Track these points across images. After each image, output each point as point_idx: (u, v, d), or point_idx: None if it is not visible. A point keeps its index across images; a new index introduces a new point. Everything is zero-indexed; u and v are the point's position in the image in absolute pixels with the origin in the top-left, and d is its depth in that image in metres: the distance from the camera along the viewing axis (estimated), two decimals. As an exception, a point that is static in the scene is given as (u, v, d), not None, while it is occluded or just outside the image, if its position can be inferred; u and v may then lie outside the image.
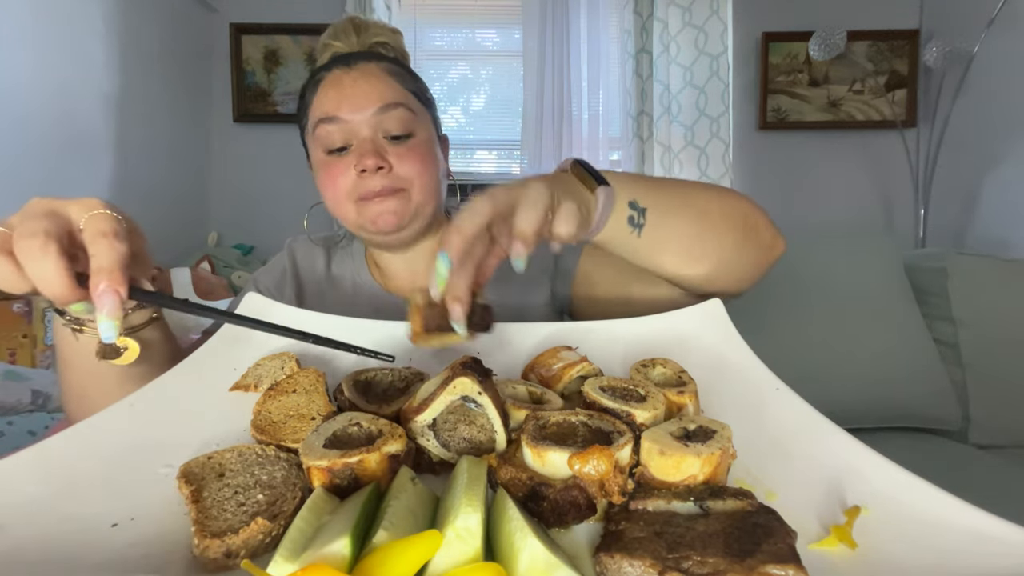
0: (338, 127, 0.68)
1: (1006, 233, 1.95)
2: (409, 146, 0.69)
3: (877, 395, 1.17)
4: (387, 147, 0.69)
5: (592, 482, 0.30)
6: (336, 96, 0.69)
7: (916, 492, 0.33)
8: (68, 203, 0.39)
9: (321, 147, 0.70)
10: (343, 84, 0.69)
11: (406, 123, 0.69)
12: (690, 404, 0.41)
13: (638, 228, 0.53)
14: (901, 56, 2.30)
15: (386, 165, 0.67)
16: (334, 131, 0.68)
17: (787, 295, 1.22)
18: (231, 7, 2.31)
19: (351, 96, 0.68)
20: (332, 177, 0.69)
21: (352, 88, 0.68)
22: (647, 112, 2.23)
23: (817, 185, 2.36)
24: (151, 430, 0.40)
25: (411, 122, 0.70)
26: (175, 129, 2.08)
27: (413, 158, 0.69)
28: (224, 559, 0.28)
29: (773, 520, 0.27)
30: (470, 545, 0.25)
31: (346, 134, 0.68)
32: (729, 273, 0.59)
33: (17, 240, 0.36)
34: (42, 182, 1.48)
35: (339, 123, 0.68)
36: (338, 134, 0.68)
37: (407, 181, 0.69)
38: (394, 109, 0.68)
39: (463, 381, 0.35)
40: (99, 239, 0.37)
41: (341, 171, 0.68)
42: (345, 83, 0.69)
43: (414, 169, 0.69)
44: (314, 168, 0.74)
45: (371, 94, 0.68)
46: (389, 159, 0.68)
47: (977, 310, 1.19)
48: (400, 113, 0.69)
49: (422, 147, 0.70)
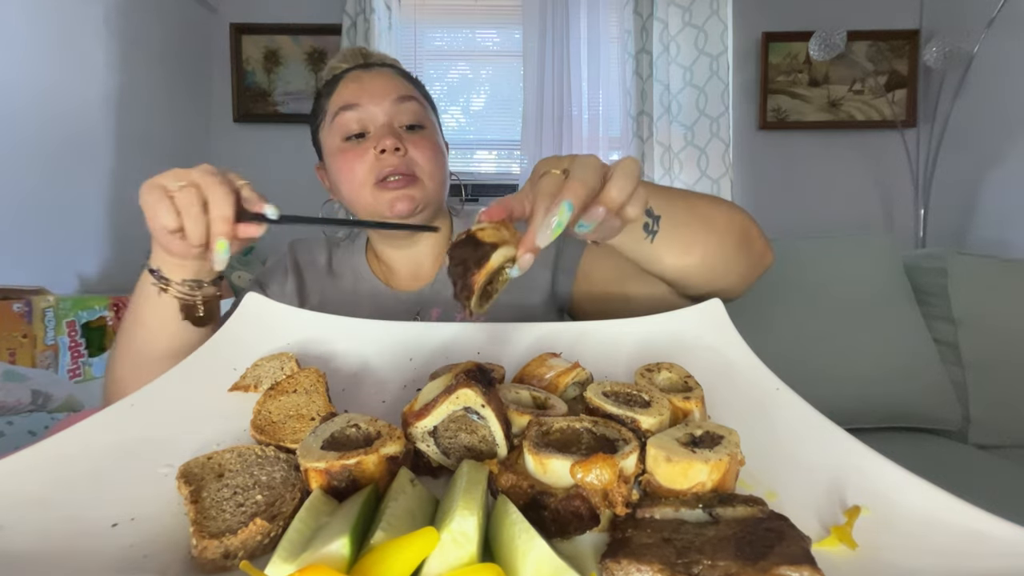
0: (357, 114, 0.73)
1: (1006, 233, 1.95)
2: (422, 135, 0.75)
3: (877, 395, 1.17)
4: (402, 134, 0.73)
5: (595, 492, 0.29)
6: (356, 87, 0.74)
7: (916, 492, 0.33)
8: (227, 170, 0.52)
9: (339, 134, 0.74)
10: (362, 79, 0.75)
11: (419, 115, 0.75)
12: (696, 410, 0.40)
13: (651, 235, 0.54)
14: (901, 56, 2.30)
15: (403, 148, 0.71)
16: (353, 118, 0.73)
17: (787, 295, 1.22)
18: (231, 7, 2.30)
19: (370, 88, 0.74)
20: (349, 162, 0.73)
21: (371, 82, 0.75)
22: (647, 112, 2.22)
23: (817, 185, 2.36)
24: (151, 430, 0.40)
25: (423, 115, 0.76)
26: (175, 129, 2.08)
27: (426, 146, 0.74)
28: (222, 560, 0.28)
29: (785, 526, 0.27)
30: (465, 549, 0.25)
31: (364, 121, 0.73)
32: (724, 280, 0.61)
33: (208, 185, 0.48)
34: (42, 182, 1.48)
35: (358, 110, 0.73)
36: (356, 122, 0.73)
37: (420, 168, 0.73)
38: (408, 101, 0.74)
39: (466, 393, 0.34)
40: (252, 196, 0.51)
41: (359, 155, 0.72)
42: (364, 78, 0.75)
43: (426, 157, 0.73)
44: (330, 158, 0.77)
45: (388, 87, 0.74)
46: (406, 144, 0.72)
47: (977, 310, 1.19)
48: (414, 106, 0.75)
49: (433, 139, 0.76)
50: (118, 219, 1.75)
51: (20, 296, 1.15)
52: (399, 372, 0.50)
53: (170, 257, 0.55)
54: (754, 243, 0.62)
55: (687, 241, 0.57)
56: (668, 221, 0.54)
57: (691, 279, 0.60)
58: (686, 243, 0.57)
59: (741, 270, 0.61)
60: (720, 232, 0.59)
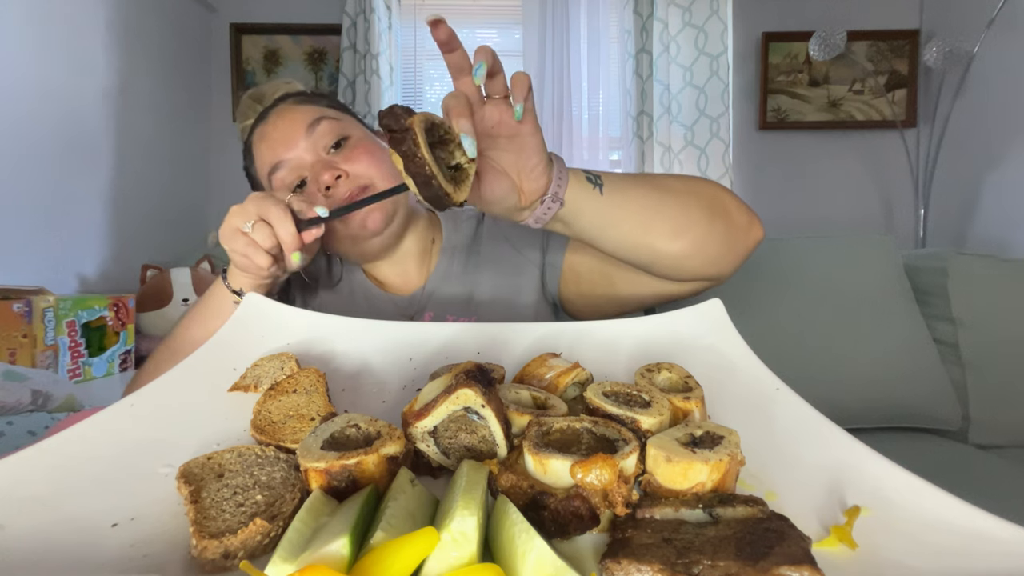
0: (286, 168, 0.72)
1: (1006, 233, 1.95)
2: (350, 147, 0.73)
3: (877, 395, 1.17)
4: (333, 158, 0.72)
5: (595, 492, 0.29)
6: (267, 145, 0.73)
7: (916, 492, 0.33)
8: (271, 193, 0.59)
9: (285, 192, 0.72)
10: (266, 133, 0.74)
11: (335, 130, 0.73)
12: (696, 410, 0.40)
13: (598, 187, 0.56)
14: (901, 56, 2.30)
15: (342, 172, 0.70)
16: (285, 174, 0.72)
17: (787, 295, 1.22)
18: (231, 7, 2.30)
19: (278, 137, 0.72)
20: None
21: (275, 131, 0.73)
22: (647, 112, 2.22)
23: (817, 185, 2.36)
24: (151, 430, 0.40)
25: (339, 128, 0.73)
26: (175, 129, 2.08)
27: (360, 155, 0.72)
28: (222, 560, 0.27)
29: (785, 526, 0.27)
30: (465, 549, 0.25)
31: (296, 170, 0.71)
32: (702, 250, 0.60)
33: (272, 216, 0.56)
34: (42, 182, 1.48)
35: (284, 164, 0.72)
36: (290, 174, 0.72)
37: (367, 177, 0.71)
38: (318, 124, 0.72)
39: (466, 393, 0.34)
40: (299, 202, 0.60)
41: None
42: (268, 131, 0.74)
43: (366, 164, 0.72)
44: None
45: (292, 125, 0.72)
46: (341, 166, 0.70)
47: (977, 310, 1.19)
48: (325, 125, 0.72)
49: (362, 144, 0.73)
50: (118, 219, 1.75)
51: (20, 296, 1.15)
52: (399, 372, 0.50)
53: (249, 277, 0.63)
54: (731, 214, 0.62)
55: (642, 200, 0.58)
56: (612, 181, 0.57)
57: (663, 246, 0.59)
58: (641, 202, 0.58)
59: (718, 238, 0.60)
60: (681, 194, 0.59)
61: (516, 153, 0.52)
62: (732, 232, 0.62)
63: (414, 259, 0.81)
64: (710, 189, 0.62)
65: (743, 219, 0.62)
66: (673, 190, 0.60)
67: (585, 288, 0.76)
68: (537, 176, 0.53)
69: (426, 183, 0.46)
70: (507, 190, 0.54)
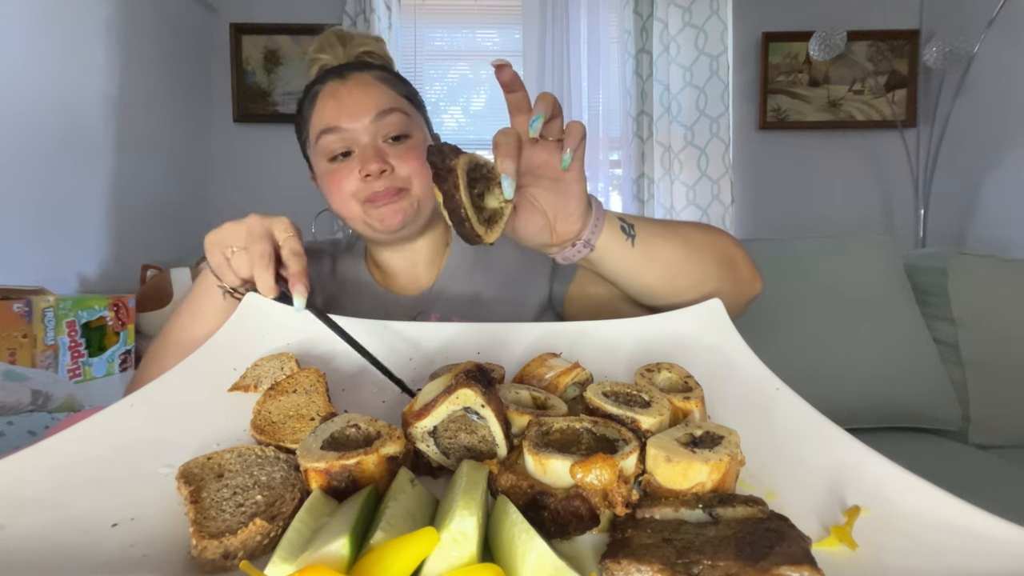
0: (339, 136, 0.72)
1: (1006, 233, 1.95)
2: (407, 146, 0.73)
3: (877, 395, 1.17)
4: (387, 149, 0.72)
5: (595, 492, 0.29)
6: (334, 107, 0.72)
7: (916, 492, 0.33)
8: (274, 223, 0.57)
9: (324, 156, 0.73)
10: (339, 95, 0.73)
11: (402, 126, 0.73)
12: (696, 410, 0.40)
13: (631, 238, 0.56)
14: (901, 56, 2.30)
15: (388, 167, 0.70)
16: (335, 140, 0.72)
17: (787, 295, 1.22)
18: (231, 7, 2.30)
19: (348, 106, 0.72)
20: (337, 182, 0.72)
21: (348, 98, 0.72)
22: (647, 112, 2.22)
23: (817, 185, 2.36)
24: (151, 430, 0.40)
25: (407, 125, 0.74)
26: (175, 129, 2.08)
27: (412, 158, 0.72)
28: (222, 560, 0.28)
29: (785, 526, 0.27)
30: (465, 549, 0.25)
31: (347, 142, 0.72)
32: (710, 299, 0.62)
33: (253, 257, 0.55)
34: (42, 182, 1.48)
35: (340, 132, 0.71)
36: (340, 143, 0.72)
37: (407, 180, 0.72)
38: (390, 114, 0.72)
39: (466, 393, 0.34)
40: (292, 257, 0.55)
41: (345, 175, 0.71)
42: (341, 94, 0.73)
43: (413, 168, 0.72)
44: (319, 178, 0.77)
45: (367, 102, 0.72)
46: (390, 161, 0.71)
47: (977, 310, 1.19)
48: (396, 118, 0.73)
49: (420, 147, 0.74)
50: (118, 219, 1.75)
51: (20, 296, 1.15)
52: (399, 372, 0.50)
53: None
54: (740, 268, 0.64)
55: (669, 252, 0.59)
56: (644, 231, 0.57)
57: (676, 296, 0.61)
58: (668, 254, 0.59)
59: (726, 294, 0.62)
60: (703, 248, 0.61)
61: (556, 195, 0.52)
62: (738, 287, 0.64)
63: (425, 257, 0.81)
64: (724, 242, 0.64)
65: (748, 273, 0.65)
66: (698, 245, 0.61)
67: (590, 308, 0.77)
68: (573, 221, 0.53)
69: (460, 222, 0.47)
70: (540, 227, 0.54)
